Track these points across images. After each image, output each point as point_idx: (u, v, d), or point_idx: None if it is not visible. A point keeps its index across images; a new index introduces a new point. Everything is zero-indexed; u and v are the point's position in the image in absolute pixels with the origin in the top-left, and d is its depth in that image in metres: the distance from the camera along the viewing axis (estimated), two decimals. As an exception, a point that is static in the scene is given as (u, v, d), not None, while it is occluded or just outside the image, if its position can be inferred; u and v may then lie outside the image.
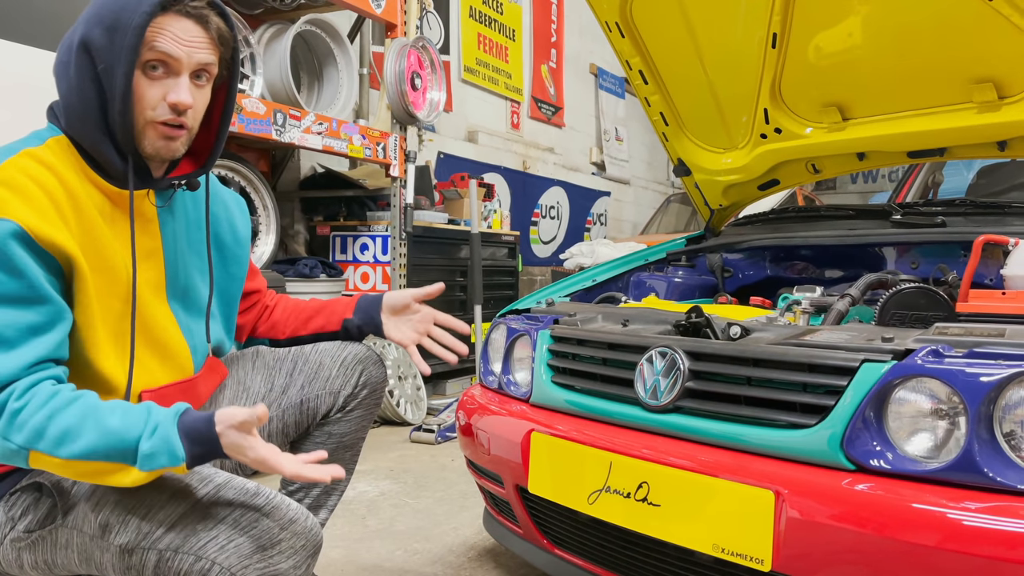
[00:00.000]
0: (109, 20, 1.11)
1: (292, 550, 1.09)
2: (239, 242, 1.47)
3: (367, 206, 4.32)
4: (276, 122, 3.28)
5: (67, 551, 1.16)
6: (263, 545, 1.07)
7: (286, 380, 1.48)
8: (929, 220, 1.88)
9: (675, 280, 2.30)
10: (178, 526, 1.07)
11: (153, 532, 1.08)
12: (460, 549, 2.18)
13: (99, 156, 1.17)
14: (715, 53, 2.08)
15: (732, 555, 1.26)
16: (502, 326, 1.94)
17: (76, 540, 1.14)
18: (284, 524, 1.09)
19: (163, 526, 1.08)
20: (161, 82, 1.15)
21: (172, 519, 1.08)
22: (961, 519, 1.06)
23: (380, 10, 3.91)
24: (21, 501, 1.17)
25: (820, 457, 1.22)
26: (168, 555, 1.07)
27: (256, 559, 1.06)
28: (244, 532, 1.07)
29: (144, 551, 1.08)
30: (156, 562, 1.08)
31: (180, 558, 1.06)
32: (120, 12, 1.11)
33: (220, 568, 1.05)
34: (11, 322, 1.04)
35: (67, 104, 1.16)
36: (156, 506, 1.09)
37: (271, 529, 1.08)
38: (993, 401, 1.10)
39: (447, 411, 3.78)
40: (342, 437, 1.52)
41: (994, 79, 1.74)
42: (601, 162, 8.60)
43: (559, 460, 1.57)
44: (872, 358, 1.22)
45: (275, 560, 1.08)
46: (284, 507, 1.11)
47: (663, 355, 1.44)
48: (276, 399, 1.46)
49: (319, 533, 1.14)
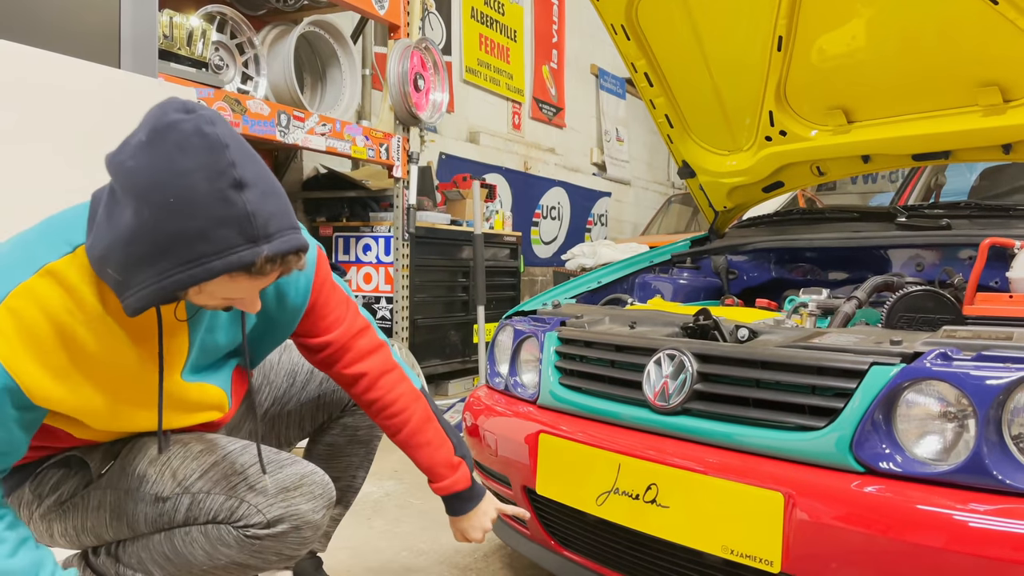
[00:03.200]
0: (178, 239, 0.96)
1: (312, 495, 1.22)
2: (285, 310, 1.31)
3: (370, 207, 4.33)
4: (280, 123, 3.28)
5: (99, 512, 1.22)
6: (286, 487, 1.20)
7: (306, 377, 1.55)
8: (934, 223, 1.89)
9: (680, 282, 2.31)
10: (210, 472, 1.20)
11: (188, 478, 1.19)
12: (466, 550, 2.19)
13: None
14: (720, 56, 2.08)
15: (741, 556, 1.27)
16: (509, 328, 1.94)
17: (110, 498, 1.22)
18: (305, 473, 1.23)
19: (195, 473, 1.20)
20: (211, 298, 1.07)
21: (204, 467, 1.20)
22: (969, 521, 1.07)
23: (383, 11, 3.91)
24: (48, 477, 1.24)
25: (829, 459, 1.22)
26: (201, 496, 1.19)
27: (280, 498, 1.19)
28: (270, 475, 1.21)
29: (178, 496, 1.19)
30: (189, 504, 1.18)
31: (212, 498, 1.19)
32: (193, 245, 0.96)
33: (248, 505, 1.18)
34: None
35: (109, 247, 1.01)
36: (189, 457, 1.20)
37: (292, 476, 1.22)
38: (1002, 404, 1.11)
39: (450, 412, 3.78)
40: (356, 431, 1.58)
41: (999, 82, 1.74)
42: (602, 163, 8.61)
43: (567, 461, 1.57)
44: (881, 361, 1.22)
45: (296, 501, 1.20)
46: (303, 463, 1.25)
47: (671, 357, 1.45)
48: (296, 393, 1.54)
49: (332, 488, 1.28)
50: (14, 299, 1.01)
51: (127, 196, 0.97)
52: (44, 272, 1.04)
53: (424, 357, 4.24)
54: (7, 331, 1.01)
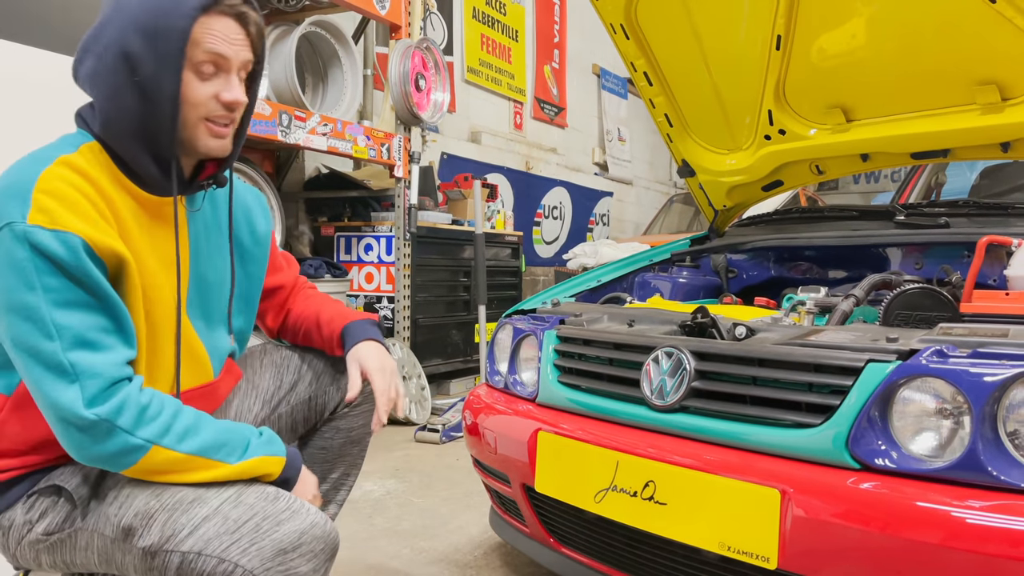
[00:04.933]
0: (148, 26, 1.10)
1: (312, 553, 1.12)
2: (258, 241, 1.44)
3: (371, 207, 4.34)
4: (281, 123, 3.29)
5: (87, 552, 1.17)
6: (284, 548, 1.10)
7: (295, 376, 1.49)
8: (933, 221, 1.89)
9: (680, 281, 2.32)
10: (200, 529, 1.09)
11: (176, 535, 1.10)
12: (466, 548, 2.19)
13: (135, 163, 1.16)
14: (719, 55, 2.09)
15: (738, 553, 1.27)
16: (508, 326, 1.95)
17: (97, 543, 1.16)
18: (304, 528, 1.12)
19: (186, 529, 1.09)
20: (211, 81, 1.16)
21: (195, 522, 1.10)
22: (965, 517, 1.08)
23: (384, 11, 3.92)
24: (39, 504, 1.18)
25: (825, 456, 1.23)
26: (191, 557, 1.09)
27: (277, 562, 1.09)
28: (266, 536, 1.09)
29: (167, 553, 1.10)
30: (179, 564, 1.09)
31: (203, 560, 1.08)
32: (160, 17, 1.10)
33: (243, 570, 1.08)
34: (93, 325, 1.07)
35: (104, 113, 1.14)
36: (179, 510, 1.11)
37: (291, 533, 1.10)
38: (997, 401, 1.11)
39: (451, 411, 3.79)
40: (349, 432, 1.54)
41: (997, 81, 1.75)
42: (604, 162, 8.61)
43: (566, 459, 1.58)
44: (877, 358, 1.23)
45: (296, 563, 1.10)
46: (304, 511, 1.14)
47: (669, 355, 1.46)
48: (285, 396, 1.48)
49: (337, 537, 1.17)
50: (44, 182, 1.06)
51: (101, 54, 1.10)
52: (60, 162, 1.09)
53: (426, 356, 4.25)
54: (50, 206, 1.05)
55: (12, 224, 1.03)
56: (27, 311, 1.04)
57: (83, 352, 1.05)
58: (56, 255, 1.04)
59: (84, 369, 1.05)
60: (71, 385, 1.04)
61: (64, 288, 1.05)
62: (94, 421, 1.05)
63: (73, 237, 1.05)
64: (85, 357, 1.05)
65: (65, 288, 1.05)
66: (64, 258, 1.04)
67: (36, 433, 1.15)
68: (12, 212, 1.04)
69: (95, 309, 1.08)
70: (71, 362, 1.04)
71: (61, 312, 1.05)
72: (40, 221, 1.03)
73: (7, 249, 1.03)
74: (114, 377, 1.07)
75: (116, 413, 1.06)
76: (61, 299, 1.05)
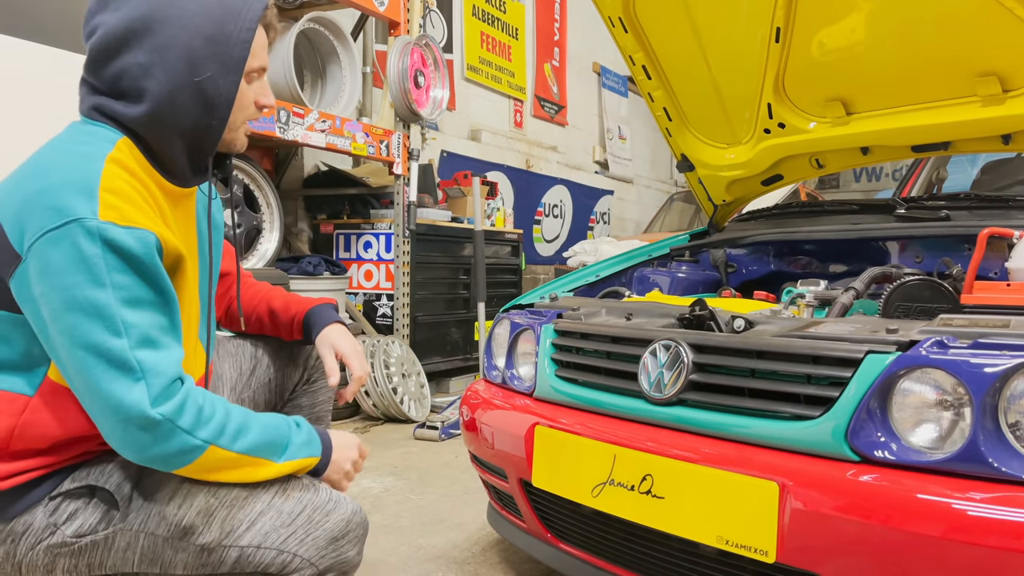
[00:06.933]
0: (214, 34, 1.12)
1: (357, 538, 1.22)
2: (218, 227, 1.42)
3: (370, 204, 4.33)
4: (280, 120, 3.28)
5: (126, 553, 1.16)
6: (335, 536, 1.19)
7: (252, 362, 1.53)
8: (933, 214, 1.88)
9: (679, 275, 2.31)
10: (257, 523, 1.16)
11: (235, 531, 1.16)
12: (465, 544, 2.18)
13: (169, 157, 1.17)
14: (718, 48, 2.08)
15: (736, 547, 1.26)
16: (506, 321, 1.94)
17: (143, 542, 1.16)
18: (349, 516, 1.21)
19: (243, 524, 1.16)
20: (252, 87, 1.23)
21: (251, 517, 1.16)
22: (966, 509, 1.06)
23: (383, 8, 3.91)
24: (66, 506, 1.15)
25: (824, 448, 1.22)
26: (250, 551, 1.16)
27: (330, 549, 1.18)
28: (319, 526, 1.18)
29: (226, 549, 1.16)
30: (236, 558, 1.16)
31: (262, 553, 1.16)
32: (225, 24, 1.13)
33: (301, 559, 1.16)
34: (156, 324, 1.08)
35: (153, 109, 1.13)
36: (236, 506, 1.16)
37: (340, 522, 1.20)
38: (998, 391, 1.10)
39: (450, 408, 3.78)
40: (312, 409, 1.59)
41: (998, 72, 1.73)
42: (604, 161, 8.60)
43: (563, 453, 1.57)
44: (876, 349, 1.21)
45: (344, 549, 1.20)
46: (343, 501, 1.22)
47: (667, 348, 1.44)
48: (247, 382, 1.52)
49: (367, 522, 1.27)
50: (107, 180, 1.05)
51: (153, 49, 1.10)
52: (111, 160, 1.09)
53: (425, 354, 4.24)
54: (118, 204, 1.05)
55: (83, 219, 1.01)
56: (95, 308, 1.02)
57: (148, 351, 1.05)
58: (132, 252, 1.03)
59: (149, 368, 1.04)
60: (136, 384, 1.03)
61: (134, 285, 1.05)
62: (158, 421, 1.04)
63: (149, 234, 1.06)
64: (150, 356, 1.05)
65: (135, 285, 1.05)
66: (140, 255, 1.04)
67: (58, 432, 1.13)
68: (80, 208, 1.02)
69: (158, 307, 1.08)
70: (138, 360, 1.03)
71: (129, 310, 1.04)
72: (112, 218, 1.03)
73: (75, 244, 1.01)
74: (173, 376, 1.07)
75: (178, 413, 1.06)
76: (130, 296, 1.04)
